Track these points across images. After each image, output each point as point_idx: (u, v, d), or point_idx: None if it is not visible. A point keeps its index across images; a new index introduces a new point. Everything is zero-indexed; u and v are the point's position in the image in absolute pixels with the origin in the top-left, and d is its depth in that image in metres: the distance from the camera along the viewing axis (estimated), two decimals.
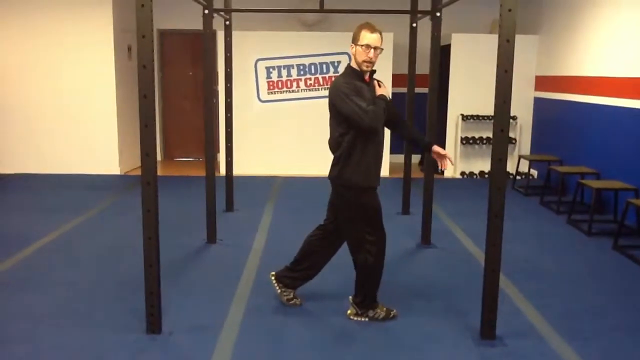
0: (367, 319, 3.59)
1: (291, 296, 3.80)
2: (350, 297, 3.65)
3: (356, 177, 3.39)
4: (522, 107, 8.42)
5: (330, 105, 3.42)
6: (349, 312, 3.64)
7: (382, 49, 3.44)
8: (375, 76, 3.53)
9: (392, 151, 8.48)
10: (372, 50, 3.34)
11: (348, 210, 3.48)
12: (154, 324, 3.36)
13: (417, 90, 6.04)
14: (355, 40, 3.39)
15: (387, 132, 3.72)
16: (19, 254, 4.82)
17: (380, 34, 3.38)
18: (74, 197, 6.94)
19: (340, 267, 3.99)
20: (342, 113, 3.32)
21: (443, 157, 3.63)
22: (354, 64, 3.44)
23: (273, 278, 3.83)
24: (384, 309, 3.62)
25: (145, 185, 3.18)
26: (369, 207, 3.45)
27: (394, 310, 3.64)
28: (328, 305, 3.82)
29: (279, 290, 3.80)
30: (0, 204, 6.72)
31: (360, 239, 3.48)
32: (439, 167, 3.83)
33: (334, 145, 3.45)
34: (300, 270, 3.76)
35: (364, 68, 3.39)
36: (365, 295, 3.57)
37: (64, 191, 7.31)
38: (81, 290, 4.07)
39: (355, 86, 3.34)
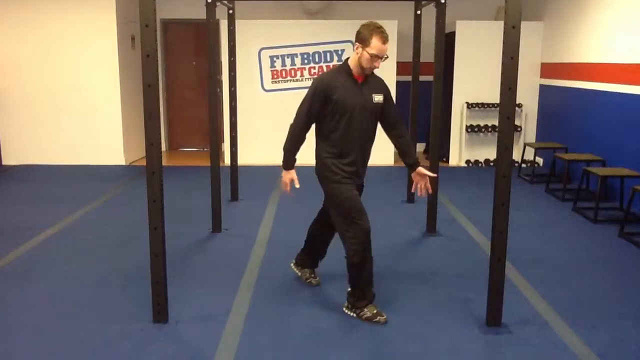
0: (354, 315, 3.50)
1: (307, 275, 3.99)
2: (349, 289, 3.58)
3: (326, 167, 3.46)
4: (527, 94, 8.37)
5: None
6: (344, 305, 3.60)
7: (388, 57, 3.38)
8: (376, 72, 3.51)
9: None
10: (379, 59, 3.30)
11: (327, 201, 3.58)
12: (160, 313, 3.38)
13: (422, 78, 6.01)
14: (363, 42, 3.29)
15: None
16: (25, 244, 4.84)
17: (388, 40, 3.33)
18: (79, 188, 6.96)
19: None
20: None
21: (424, 180, 3.56)
22: (352, 63, 3.38)
23: (292, 265, 4.06)
24: (374, 311, 3.44)
25: (150, 175, 3.17)
26: (338, 198, 3.40)
27: (383, 317, 3.43)
28: (334, 296, 3.82)
29: (299, 273, 4.03)
30: (6, 195, 6.74)
31: (342, 233, 3.44)
32: (414, 191, 3.66)
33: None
34: (306, 248, 3.98)
35: (367, 73, 3.39)
36: (355, 290, 3.48)
37: (69, 182, 7.32)
38: (87, 280, 4.08)
39: (327, 88, 3.34)
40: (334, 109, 3.37)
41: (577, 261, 4.56)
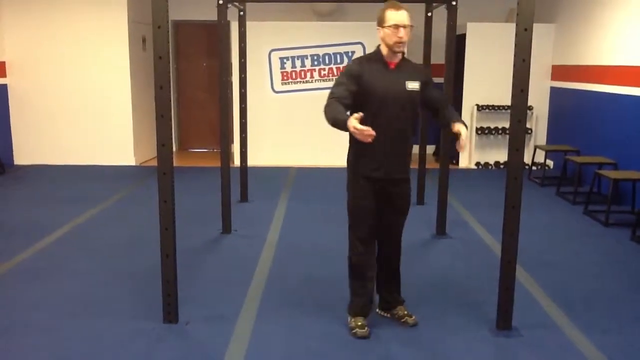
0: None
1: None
2: None
3: (353, 160, 3.30)
4: (538, 96, 8.33)
5: None
6: None
7: (413, 26, 3.21)
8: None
9: None
10: (402, 29, 3.14)
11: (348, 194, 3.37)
12: (170, 313, 3.39)
13: (433, 79, 5.99)
14: (381, 23, 3.19)
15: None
16: (36, 244, 4.87)
17: (407, 10, 3.18)
18: (90, 188, 7.00)
19: None
20: None
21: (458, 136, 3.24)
22: (383, 48, 3.24)
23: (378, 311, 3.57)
24: (359, 323, 3.30)
25: (161, 175, 3.19)
26: (351, 198, 3.32)
27: (365, 330, 3.27)
28: (343, 298, 3.81)
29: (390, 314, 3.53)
30: (18, 195, 6.79)
31: (349, 233, 3.35)
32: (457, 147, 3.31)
33: None
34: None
35: (396, 49, 3.16)
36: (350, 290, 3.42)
37: (80, 182, 7.37)
38: (98, 280, 4.11)
39: (358, 69, 3.19)
40: (363, 93, 3.16)
41: (588, 264, 4.53)
